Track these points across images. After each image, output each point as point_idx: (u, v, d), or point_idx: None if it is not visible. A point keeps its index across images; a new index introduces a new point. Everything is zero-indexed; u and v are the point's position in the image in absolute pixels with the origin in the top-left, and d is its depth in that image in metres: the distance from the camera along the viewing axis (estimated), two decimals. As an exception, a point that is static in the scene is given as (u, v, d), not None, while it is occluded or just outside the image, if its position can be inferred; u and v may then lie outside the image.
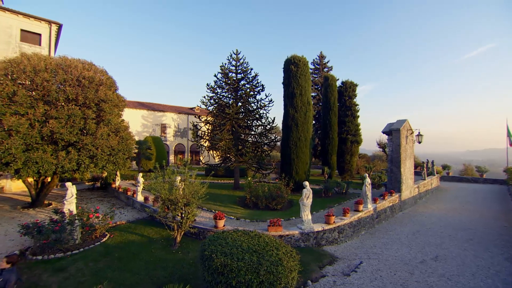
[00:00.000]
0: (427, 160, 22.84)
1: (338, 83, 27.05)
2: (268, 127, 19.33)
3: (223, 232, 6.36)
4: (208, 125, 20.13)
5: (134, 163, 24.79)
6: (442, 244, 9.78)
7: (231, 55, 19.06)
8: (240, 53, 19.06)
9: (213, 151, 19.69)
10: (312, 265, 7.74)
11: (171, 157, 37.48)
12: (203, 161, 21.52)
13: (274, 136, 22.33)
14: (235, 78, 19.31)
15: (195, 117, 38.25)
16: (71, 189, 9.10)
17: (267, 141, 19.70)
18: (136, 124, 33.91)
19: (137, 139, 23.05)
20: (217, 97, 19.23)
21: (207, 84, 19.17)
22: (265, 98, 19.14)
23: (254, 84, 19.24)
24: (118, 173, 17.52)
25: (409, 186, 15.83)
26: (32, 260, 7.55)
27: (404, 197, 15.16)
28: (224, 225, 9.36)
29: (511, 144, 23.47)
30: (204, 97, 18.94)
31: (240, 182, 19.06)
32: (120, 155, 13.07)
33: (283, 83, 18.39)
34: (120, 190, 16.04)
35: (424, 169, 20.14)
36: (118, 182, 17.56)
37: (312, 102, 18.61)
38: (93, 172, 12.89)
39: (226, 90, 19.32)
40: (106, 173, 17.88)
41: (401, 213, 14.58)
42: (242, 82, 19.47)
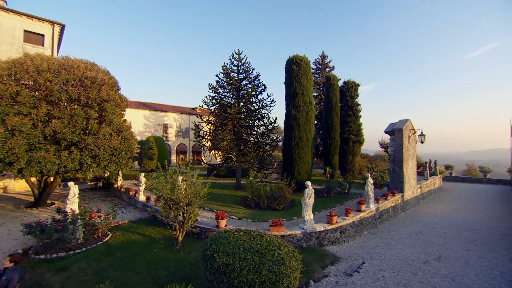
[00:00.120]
0: (430, 160, 22.72)
1: (340, 83, 26.97)
2: (270, 127, 19.32)
3: (225, 231, 6.34)
4: (210, 125, 20.15)
5: (136, 163, 24.88)
6: (445, 244, 9.71)
7: (233, 55, 19.08)
8: (242, 53, 19.09)
9: (215, 151, 19.70)
10: (314, 265, 7.70)
11: (173, 157, 37.57)
12: (205, 161, 21.54)
13: (276, 136, 22.32)
14: (237, 78, 19.31)
15: (197, 117, 38.34)
16: (73, 188, 9.13)
17: (269, 141, 19.70)
18: (138, 124, 34.03)
19: (139, 139, 23.12)
20: (219, 97, 19.24)
21: (209, 84, 19.19)
22: (267, 98, 19.17)
23: (256, 84, 19.24)
24: (120, 173, 17.59)
25: (411, 186, 15.74)
26: (35, 259, 7.58)
27: (406, 197, 15.07)
28: (226, 225, 9.36)
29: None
30: (206, 97, 18.96)
31: (242, 182, 19.06)
32: (122, 155, 13.10)
33: (285, 83, 18.36)
34: (122, 190, 16.09)
35: (427, 169, 20.03)
36: (120, 182, 17.63)
37: (314, 102, 18.56)
38: (95, 172, 12.92)
39: (228, 90, 19.33)
40: (108, 173, 17.95)
41: (403, 213, 14.50)
42: (244, 82, 19.48)
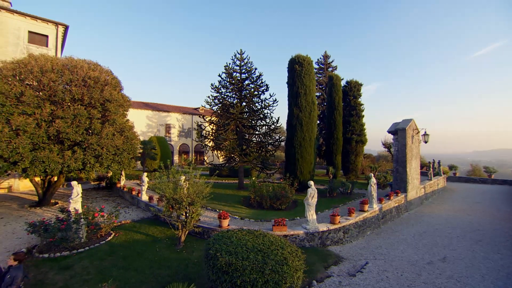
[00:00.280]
0: (433, 160, 22.51)
1: (343, 82, 26.89)
2: (273, 127, 19.29)
3: (227, 231, 6.32)
4: (212, 125, 20.15)
5: (139, 163, 24.96)
6: (450, 245, 9.60)
7: (235, 55, 19.07)
8: (244, 53, 19.08)
9: (218, 151, 19.70)
10: (317, 265, 7.66)
11: (176, 157, 37.66)
12: (207, 161, 21.56)
13: (279, 136, 22.27)
14: (239, 78, 19.31)
15: (199, 117, 38.40)
16: (76, 188, 9.17)
17: (271, 141, 19.67)
18: (141, 124, 34.16)
19: (142, 139, 23.20)
20: (222, 97, 19.24)
21: (211, 84, 19.19)
22: (269, 98, 19.11)
23: (258, 84, 19.21)
24: (123, 172, 17.65)
25: (415, 186, 15.62)
26: (39, 258, 7.63)
27: (410, 197, 14.95)
28: (228, 225, 9.33)
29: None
30: (209, 97, 18.97)
31: (245, 182, 19.05)
32: (125, 154, 13.15)
33: (287, 82, 18.32)
34: (125, 189, 16.15)
35: (430, 169, 19.85)
36: (123, 181, 17.69)
37: (316, 101, 18.49)
38: (98, 171, 12.99)
39: (230, 90, 19.31)
40: (111, 173, 18.02)
41: (407, 213, 14.38)
42: (247, 82, 19.46)
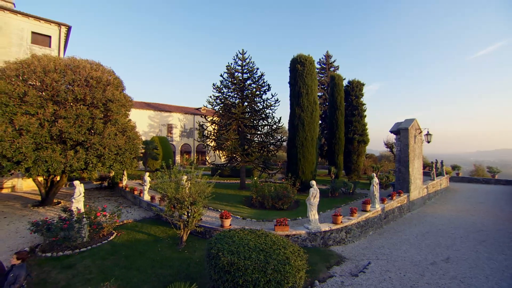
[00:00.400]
0: (436, 160, 22.37)
1: (345, 82, 26.79)
2: (274, 126, 19.27)
3: (229, 230, 6.31)
4: (214, 125, 20.17)
5: (141, 163, 25.03)
6: (453, 245, 9.54)
7: (237, 55, 19.09)
8: (246, 52, 19.08)
9: (219, 151, 19.71)
10: (320, 265, 7.63)
11: (177, 157, 37.74)
12: (209, 161, 21.57)
13: (280, 136, 22.24)
14: (241, 78, 19.31)
15: (201, 117, 38.46)
16: (79, 187, 9.20)
17: (273, 141, 19.64)
18: (143, 124, 34.27)
19: (144, 139, 23.28)
20: (223, 97, 19.25)
21: (213, 84, 19.22)
22: (271, 98, 19.12)
23: (260, 83, 19.21)
24: (125, 172, 17.70)
25: (417, 187, 15.53)
26: (42, 257, 7.66)
27: (412, 197, 14.87)
28: (230, 224, 9.33)
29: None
30: (210, 96, 18.99)
31: (246, 182, 19.02)
32: (127, 154, 13.18)
33: (289, 82, 18.30)
34: (127, 189, 16.19)
35: (433, 169, 19.74)
36: (125, 181, 17.74)
37: (318, 101, 18.46)
38: (100, 171, 13.03)
39: (232, 90, 19.33)
40: (113, 173, 18.09)
41: (409, 213, 14.31)
42: (248, 82, 19.47)
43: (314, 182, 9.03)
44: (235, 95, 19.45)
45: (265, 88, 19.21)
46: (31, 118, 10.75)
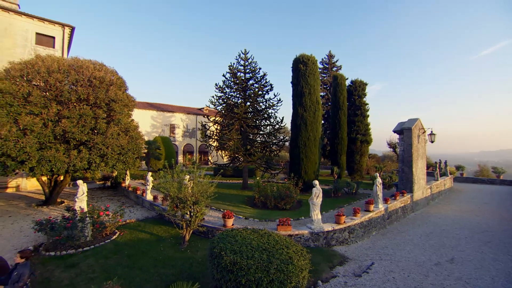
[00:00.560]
0: (440, 160, 22.18)
1: (348, 82, 26.70)
2: (277, 126, 19.23)
3: (232, 230, 6.29)
4: (216, 125, 20.17)
5: (144, 163, 25.14)
6: (458, 246, 9.43)
7: (239, 55, 19.08)
8: (248, 52, 19.08)
9: (222, 151, 19.71)
10: (322, 265, 7.58)
11: (180, 157, 37.83)
12: (211, 161, 21.58)
13: (283, 136, 22.20)
14: (243, 78, 19.30)
15: (203, 117, 38.52)
16: (82, 186, 9.23)
17: (275, 141, 19.60)
18: (146, 124, 34.39)
19: (146, 139, 23.35)
20: (226, 96, 19.27)
21: (216, 84, 19.24)
22: (273, 98, 19.09)
23: (262, 83, 19.19)
24: (128, 172, 17.77)
25: (421, 187, 15.40)
26: (46, 255, 7.70)
27: (416, 197, 14.75)
28: (233, 224, 9.31)
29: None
30: (213, 96, 19.00)
31: (249, 182, 19.01)
32: (129, 154, 13.23)
33: (291, 82, 18.26)
34: (130, 189, 16.25)
35: (437, 170, 19.57)
36: (128, 181, 17.82)
37: (321, 101, 18.39)
38: (103, 171, 13.09)
39: (234, 90, 19.33)
40: (116, 172, 18.14)
41: (413, 214, 14.19)
42: (251, 82, 19.47)
43: (317, 182, 8.99)
44: (238, 95, 19.44)
45: (267, 88, 19.18)
46: (35, 118, 10.84)
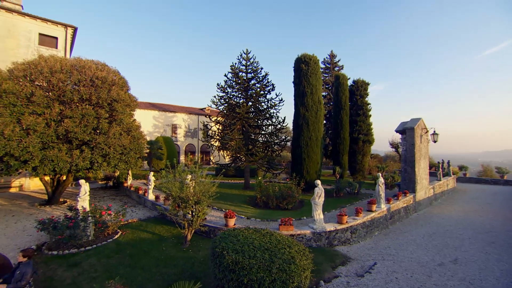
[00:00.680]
0: (442, 160, 22.04)
1: (350, 82, 26.64)
2: (279, 126, 19.21)
3: (234, 229, 6.28)
4: (218, 125, 20.18)
5: (146, 163, 25.18)
6: (461, 246, 9.35)
7: (241, 55, 19.08)
8: (250, 52, 19.07)
9: (224, 151, 19.71)
10: (325, 265, 7.54)
11: (182, 157, 37.90)
12: (213, 161, 21.60)
13: (285, 136, 22.17)
14: (245, 78, 19.30)
15: (205, 117, 38.57)
16: (84, 186, 9.27)
17: (277, 141, 19.58)
18: (148, 124, 34.50)
19: (148, 139, 23.41)
20: (228, 96, 19.27)
21: (218, 84, 19.24)
22: (275, 98, 19.06)
23: (264, 83, 19.17)
24: (130, 172, 17.83)
25: (423, 187, 15.31)
26: (48, 255, 7.73)
27: (418, 197, 14.67)
28: (234, 224, 9.29)
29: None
30: (215, 96, 19.01)
31: (251, 182, 19.00)
32: (131, 154, 13.25)
33: (293, 82, 18.22)
34: (132, 189, 16.29)
35: (440, 170, 19.45)
36: (130, 181, 17.86)
37: (323, 101, 18.34)
38: (105, 170, 13.13)
39: (236, 90, 19.33)
40: (118, 172, 18.21)
41: (415, 214, 14.11)
42: (253, 82, 19.46)
43: (319, 182, 8.95)
44: (239, 95, 19.44)
45: (269, 88, 19.15)
46: (38, 118, 10.90)
